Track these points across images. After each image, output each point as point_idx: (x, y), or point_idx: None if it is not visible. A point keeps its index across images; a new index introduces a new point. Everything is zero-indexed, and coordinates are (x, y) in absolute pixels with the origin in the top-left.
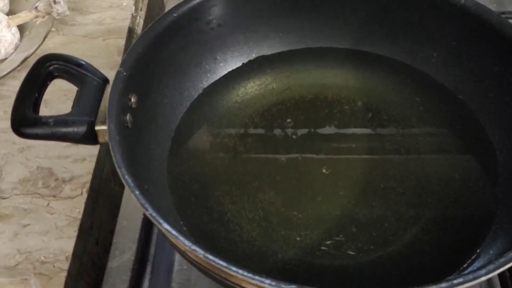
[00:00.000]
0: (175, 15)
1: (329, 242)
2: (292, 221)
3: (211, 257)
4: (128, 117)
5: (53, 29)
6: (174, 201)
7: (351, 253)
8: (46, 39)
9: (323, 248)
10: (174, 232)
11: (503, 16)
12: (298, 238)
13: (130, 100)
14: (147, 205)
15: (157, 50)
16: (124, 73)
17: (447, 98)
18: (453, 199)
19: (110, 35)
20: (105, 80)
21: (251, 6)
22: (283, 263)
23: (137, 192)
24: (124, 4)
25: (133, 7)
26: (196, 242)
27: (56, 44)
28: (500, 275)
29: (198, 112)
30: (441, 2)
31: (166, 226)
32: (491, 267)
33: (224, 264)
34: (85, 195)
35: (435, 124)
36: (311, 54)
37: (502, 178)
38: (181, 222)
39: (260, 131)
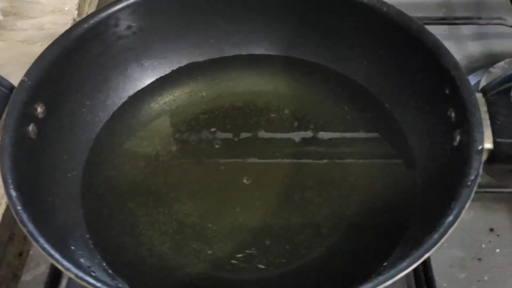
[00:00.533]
0: (91, 21)
1: (240, 255)
2: (206, 234)
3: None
4: (31, 127)
5: None
6: (85, 214)
7: (261, 266)
8: None
9: (233, 261)
10: (48, 249)
11: (455, 21)
12: (209, 252)
13: (36, 110)
14: (24, 221)
15: (71, 57)
16: (29, 82)
17: (375, 106)
18: (370, 210)
19: (50, 40)
20: (12, 89)
21: (176, 13)
22: (191, 278)
23: (18, 208)
24: (66, 8)
25: (76, 12)
26: (101, 256)
27: None
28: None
29: (121, 120)
30: (367, 10)
31: (42, 243)
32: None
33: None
34: (4, 206)
35: (361, 133)
36: (243, 61)
37: (420, 188)
38: (87, 236)
39: (184, 140)
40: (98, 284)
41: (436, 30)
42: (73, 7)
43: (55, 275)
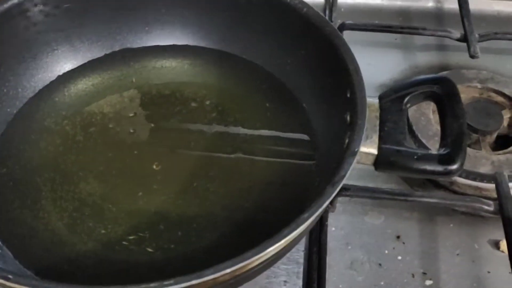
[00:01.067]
0: None
1: (132, 237)
2: (103, 214)
3: None
4: None
5: None
6: None
7: (149, 250)
8: None
9: (124, 243)
10: None
11: (399, 30)
12: (103, 231)
13: None
14: None
15: None
16: None
17: (295, 106)
18: (268, 205)
19: None
20: None
21: None
22: (78, 255)
23: None
24: None
25: None
26: None
27: None
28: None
29: (46, 98)
30: (289, 10)
31: None
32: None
33: None
34: None
35: (277, 131)
36: (176, 50)
37: (316, 190)
38: None
39: (104, 122)
40: None
41: (386, 38)
42: None
43: None
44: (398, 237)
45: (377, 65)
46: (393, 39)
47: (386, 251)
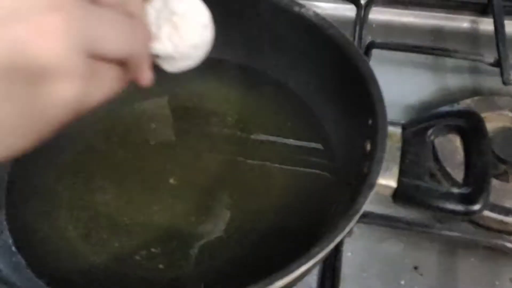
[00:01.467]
0: None
1: (144, 252)
2: (118, 226)
3: None
4: None
5: None
6: (7, 189)
7: (161, 266)
8: None
9: (136, 257)
10: None
11: (431, 51)
12: (116, 244)
13: None
14: None
15: None
16: None
17: (316, 127)
18: (282, 230)
19: None
20: None
21: None
22: (90, 267)
23: None
24: None
25: None
26: (11, 231)
27: None
28: None
29: None
30: (314, 28)
31: None
32: None
33: None
34: None
35: (297, 152)
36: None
37: (333, 208)
38: (4, 214)
39: (125, 132)
40: None
41: (416, 57)
42: None
43: None
44: (415, 267)
45: (405, 86)
46: (424, 59)
47: (403, 282)
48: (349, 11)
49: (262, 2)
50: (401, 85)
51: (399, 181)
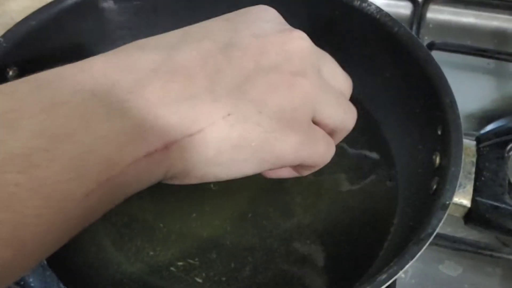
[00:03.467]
0: None
1: (181, 263)
2: (153, 233)
3: None
4: None
5: None
6: None
7: (198, 280)
8: (11, 1)
9: (172, 269)
10: None
11: (496, 55)
12: (151, 253)
13: (8, 73)
14: None
15: (59, 26)
16: (4, 44)
17: (373, 132)
18: (331, 248)
19: None
20: None
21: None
22: (122, 277)
23: None
24: None
25: None
26: None
27: (18, 6)
28: None
29: None
30: (378, 27)
31: None
32: None
33: None
34: None
35: (350, 160)
36: None
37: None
38: None
39: None
40: None
41: (477, 62)
42: None
43: None
44: None
45: (465, 92)
46: (486, 63)
47: None
48: (404, 8)
49: None
50: (460, 91)
51: (474, 201)
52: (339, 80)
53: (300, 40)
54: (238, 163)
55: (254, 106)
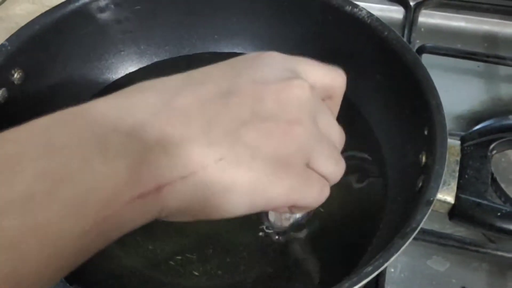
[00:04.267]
0: None
1: (179, 257)
2: (153, 229)
3: None
4: (1, 92)
5: None
6: None
7: (195, 273)
8: (15, 5)
9: (171, 262)
10: None
11: (484, 59)
12: (150, 247)
13: (13, 75)
14: None
15: (61, 30)
16: (9, 47)
17: (364, 131)
18: (325, 240)
19: None
20: None
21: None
22: (122, 270)
23: None
24: None
25: None
26: None
27: (22, 11)
28: None
29: None
30: (368, 31)
31: None
32: None
33: None
34: None
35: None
36: None
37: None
38: None
39: None
40: None
41: (467, 64)
42: None
43: None
44: None
45: (455, 94)
46: (475, 66)
47: None
48: (396, 12)
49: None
50: (450, 93)
51: (457, 198)
52: (334, 132)
53: (299, 89)
54: (230, 205)
55: (248, 151)
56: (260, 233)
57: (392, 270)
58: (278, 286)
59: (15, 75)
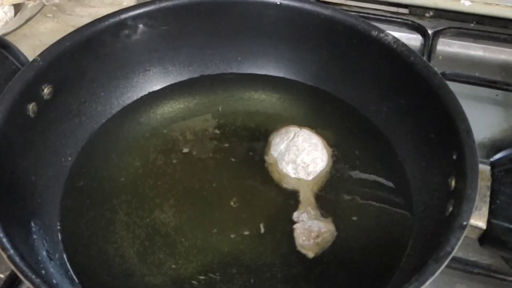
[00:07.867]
0: (118, 17)
1: (202, 277)
2: (175, 247)
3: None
4: (32, 106)
5: (49, 15)
6: (63, 199)
7: None
8: (39, 23)
9: (193, 282)
10: None
11: (505, 87)
12: (173, 266)
13: (43, 90)
14: None
15: (91, 48)
16: (40, 63)
17: (388, 156)
18: (349, 264)
19: None
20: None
21: (208, 24)
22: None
23: None
24: (125, 4)
25: None
26: (65, 248)
27: (46, 29)
28: None
29: (131, 117)
30: (394, 56)
31: None
32: None
33: None
34: None
35: (364, 183)
36: (267, 82)
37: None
38: (58, 223)
39: (185, 150)
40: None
41: (486, 93)
42: (131, 3)
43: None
44: None
45: (475, 122)
46: (494, 95)
47: None
48: (414, 40)
49: (337, 24)
50: (470, 121)
51: (489, 223)
52: None
53: None
54: None
55: None
56: (284, 254)
57: None
58: None
59: (45, 90)
